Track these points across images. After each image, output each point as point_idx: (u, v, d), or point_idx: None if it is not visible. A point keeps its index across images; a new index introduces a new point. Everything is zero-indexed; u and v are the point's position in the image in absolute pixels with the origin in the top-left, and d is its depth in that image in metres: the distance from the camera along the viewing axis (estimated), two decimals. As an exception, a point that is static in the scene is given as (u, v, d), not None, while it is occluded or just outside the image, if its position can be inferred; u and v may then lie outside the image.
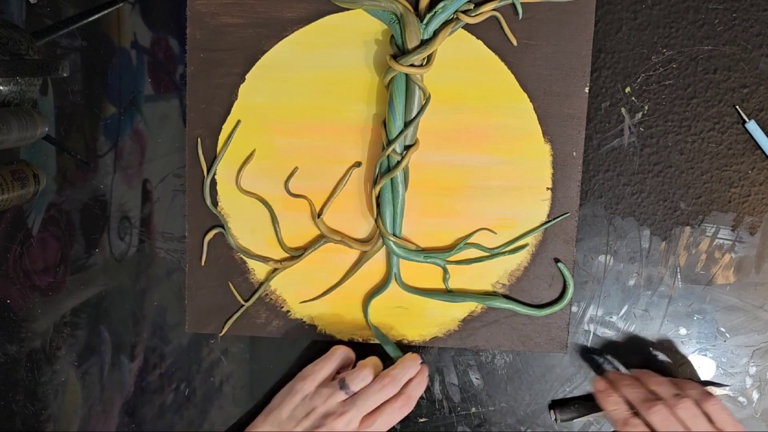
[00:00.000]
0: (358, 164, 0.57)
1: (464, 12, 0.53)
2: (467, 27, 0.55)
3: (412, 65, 0.52)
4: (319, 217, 0.57)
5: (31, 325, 0.62)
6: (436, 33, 0.53)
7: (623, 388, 0.53)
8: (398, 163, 0.54)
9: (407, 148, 0.55)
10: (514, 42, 0.55)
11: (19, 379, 0.63)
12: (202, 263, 0.59)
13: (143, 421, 0.63)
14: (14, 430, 0.64)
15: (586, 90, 0.55)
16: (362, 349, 0.58)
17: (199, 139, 0.58)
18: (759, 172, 0.56)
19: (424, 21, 0.53)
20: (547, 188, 0.56)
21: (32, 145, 0.59)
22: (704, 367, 0.58)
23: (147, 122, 0.59)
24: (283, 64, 0.56)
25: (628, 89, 0.56)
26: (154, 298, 0.61)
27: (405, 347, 0.59)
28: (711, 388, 0.57)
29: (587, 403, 0.58)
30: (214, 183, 0.58)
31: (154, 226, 0.60)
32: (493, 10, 0.54)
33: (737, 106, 0.55)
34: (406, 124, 0.54)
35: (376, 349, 0.58)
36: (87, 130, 0.60)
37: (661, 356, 0.58)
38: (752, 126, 0.55)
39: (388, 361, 0.57)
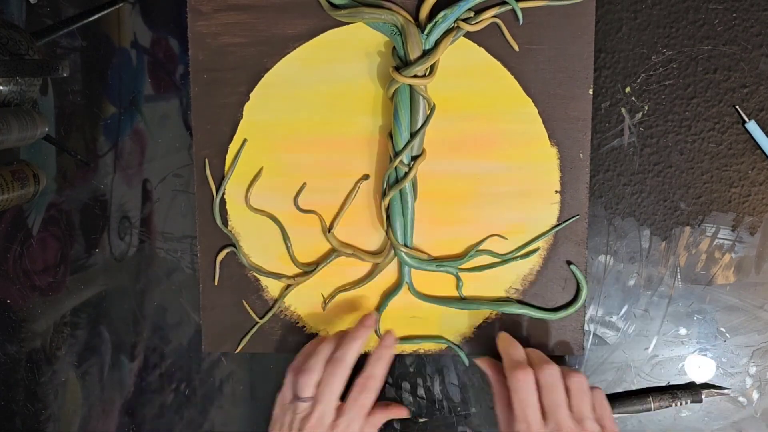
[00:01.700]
0: (366, 177, 0.57)
1: (465, 20, 0.53)
2: (468, 35, 0.55)
3: (415, 76, 0.52)
4: (329, 232, 0.57)
5: (31, 325, 0.62)
6: (437, 43, 0.53)
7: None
8: (406, 174, 0.54)
9: (414, 158, 0.54)
10: (516, 47, 0.55)
11: (19, 379, 0.63)
12: (215, 283, 0.59)
13: (143, 421, 0.63)
14: (14, 430, 0.64)
15: (590, 92, 0.55)
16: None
17: (206, 160, 0.58)
18: (759, 172, 0.56)
19: (425, 31, 0.53)
20: (556, 191, 0.56)
21: (32, 145, 0.60)
22: (704, 367, 0.58)
23: (147, 122, 0.59)
24: (286, 80, 0.56)
25: (628, 89, 0.56)
26: (154, 298, 0.61)
27: (421, 356, 0.59)
28: (713, 391, 0.57)
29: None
30: (223, 203, 0.58)
31: (154, 226, 0.60)
32: (494, 16, 0.54)
33: (737, 106, 0.55)
34: (412, 135, 0.54)
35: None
36: (87, 130, 0.60)
37: (661, 356, 0.58)
38: (752, 126, 0.55)
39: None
